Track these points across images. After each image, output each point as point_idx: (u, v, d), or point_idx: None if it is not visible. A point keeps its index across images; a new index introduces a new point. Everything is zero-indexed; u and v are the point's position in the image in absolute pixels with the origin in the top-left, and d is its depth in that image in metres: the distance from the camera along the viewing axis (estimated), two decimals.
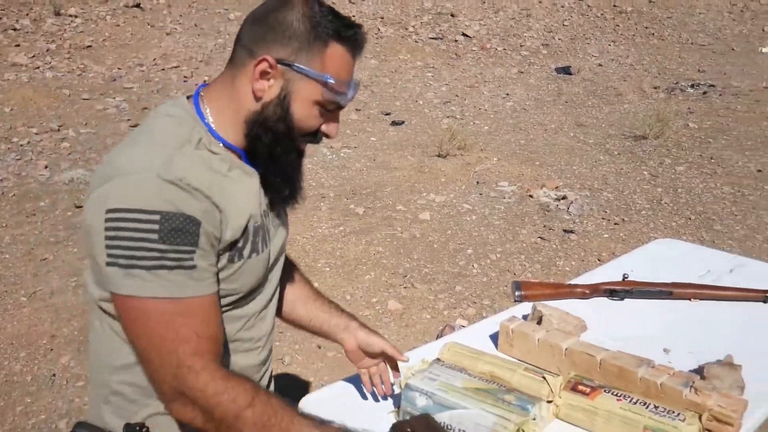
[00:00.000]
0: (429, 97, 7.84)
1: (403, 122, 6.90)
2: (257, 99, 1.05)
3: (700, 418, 1.27)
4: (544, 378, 1.35)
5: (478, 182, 5.18)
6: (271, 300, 1.22)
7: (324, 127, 1.11)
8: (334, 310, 1.42)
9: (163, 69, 8.24)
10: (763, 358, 1.59)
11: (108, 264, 0.94)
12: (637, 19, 11.46)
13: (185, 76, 7.99)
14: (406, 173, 5.36)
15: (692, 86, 8.23)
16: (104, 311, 1.05)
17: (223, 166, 1.05)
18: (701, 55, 9.90)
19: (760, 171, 5.38)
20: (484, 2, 11.61)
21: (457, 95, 7.98)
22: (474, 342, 1.63)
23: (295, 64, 1.04)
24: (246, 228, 1.07)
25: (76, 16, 9.09)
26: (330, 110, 1.10)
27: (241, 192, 1.07)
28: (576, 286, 1.91)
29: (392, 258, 3.95)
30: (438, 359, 1.49)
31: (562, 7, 11.75)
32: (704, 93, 7.91)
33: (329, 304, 1.43)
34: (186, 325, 0.96)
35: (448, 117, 7.10)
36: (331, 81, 1.05)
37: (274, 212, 1.19)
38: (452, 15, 10.95)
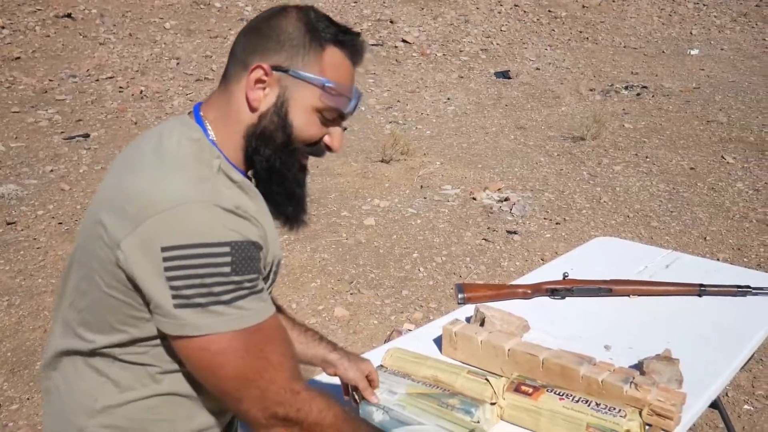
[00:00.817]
0: (371, 103, 7.85)
1: (345, 128, 6.86)
2: (253, 110, 0.99)
3: (640, 413, 1.29)
4: (487, 380, 1.35)
5: (422, 186, 5.20)
6: None
7: (326, 138, 1.04)
8: (310, 342, 1.35)
9: (97, 80, 8.01)
10: (699, 350, 1.62)
11: (178, 306, 0.86)
12: (572, 23, 11.73)
13: (121, 87, 7.79)
14: (350, 179, 5.34)
15: (626, 88, 8.46)
16: (97, 354, 0.97)
17: (246, 193, 0.98)
18: (634, 58, 10.20)
19: (693, 168, 5.55)
20: (423, 9, 11.71)
21: (398, 101, 8.01)
22: (418, 346, 1.62)
23: (292, 69, 0.98)
24: (273, 259, 1.03)
25: (3, 27, 8.76)
26: (331, 119, 1.03)
27: (268, 218, 1.02)
28: (518, 286, 1.92)
29: (338, 264, 3.91)
30: (381, 365, 1.47)
31: (499, 13, 11.94)
32: (638, 94, 8.14)
33: (306, 334, 1.36)
34: (274, 351, 0.92)
35: (390, 122, 7.12)
36: (330, 84, 0.99)
37: None
38: (391, 21, 11.00)
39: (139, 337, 0.95)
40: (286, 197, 1.04)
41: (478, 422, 1.25)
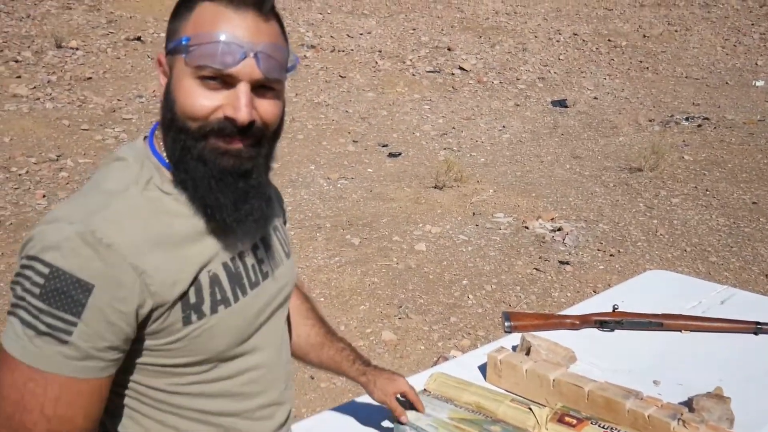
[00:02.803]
0: (426, 129, 7.91)
1: (400, 154, 6.94)
2: (161, 103, 0.91)
3: None
4: (530, 409, 1.35)
5: (474, 213, 5.20)
6: (273, 353, 1.06)
7: (228, 110, 0.86)
8: (344, 361, 1.32)
9: None
10: (752, 390, 1.58)
11: (9, 311, 0.85)
12: (632, 53, 11.60)
13: None
14: (402, 204, 5.38)
15: (687, 119, 8.30)
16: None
17: (176, 206, 0.90)
18: (695, 89, 10.01)
19: (755, 203, 5.39)
20: (481, 36, 11.77)
21: (453, 127, 8.04)
22: (463, 373, 1.63)
23: (170, 46, 0.89)
24: (195, 281, 0.90)
25: (77, 49, 9.20)
26: (222, 84, 0.86)
27: (193, 235, 0.90)
28: (566, 316, 1.91)
29: (387, 288, 3.94)
30: (425, 390, 1.49)
31: (558, 41, 11.91)
32: (699, 126, 7.98)
33: (341, 353, 1.32)
34: (35, 397, 0.81)
35: (444, 149, 7.15)
36: (187, 41, 0.86)
37: (266, 245, 1.04)
38: (449, 49, 11.09)
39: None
40: (207, 188, 0.89)
41: None
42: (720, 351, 1.78)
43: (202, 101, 0.86)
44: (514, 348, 1.75)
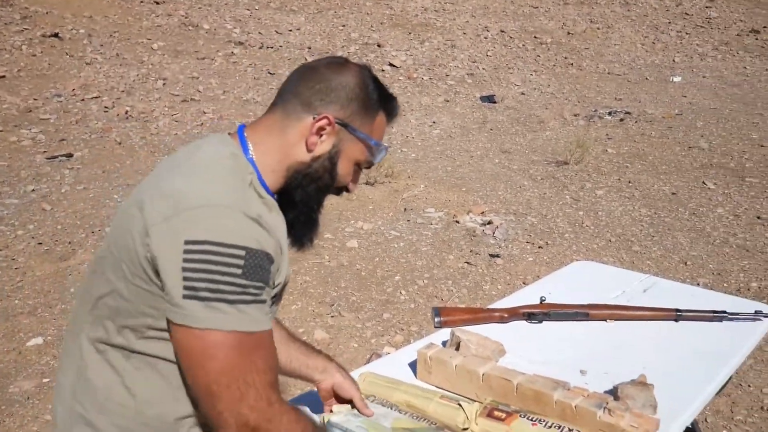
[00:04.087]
0: None
1: None
2: (309, 151, 1.11)
3: None
4: (459, 405, 1.34)
5: (405, 209, 5.21)
6: None
7: (351, 185, 1.19)
8: (311, 352, 1.43)
9: (82, 99, 7.98)
10: (674, 376, 1.62)
11: (186, 297, 0.93)
12: (557, 50, 11.88)
13: (106, 107, 7.77)
14: (333, 201, 5.32)
15: (610, 114, 8.55)
16: (115, 345, 1.04)
17: (270, 210, 1.08)
18: (617, 84, 10.32)
19: (674, 194, 5.60)
20: (410, 33, 11.82)
21: None
22: (393, 371, 1.61)
23: (351, 126, 1.12)
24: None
25: None
26: (361, 169, 1.19)
27: (284, 238, 1.11)
28: (495, 310, 1.92)
29: (319, 287, 3.89)
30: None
31: (485, 38, 12.08)
32: (621, 120, 8.23)
33: (305, 346, 1.44)
34: (261, 358, 0.97)
35: None
36: (375, 145, 1.16)
37: None
38: (379, 45, 11.08)
39: (154, 326, 1.01)
40: (307, 225, 1.17)
41: None
42: (643, 339, 1.83)
43: (349, 179, 1.17)
44: (444, 343, 1.74)
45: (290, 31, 11.30)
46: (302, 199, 1.14)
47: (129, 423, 1.04)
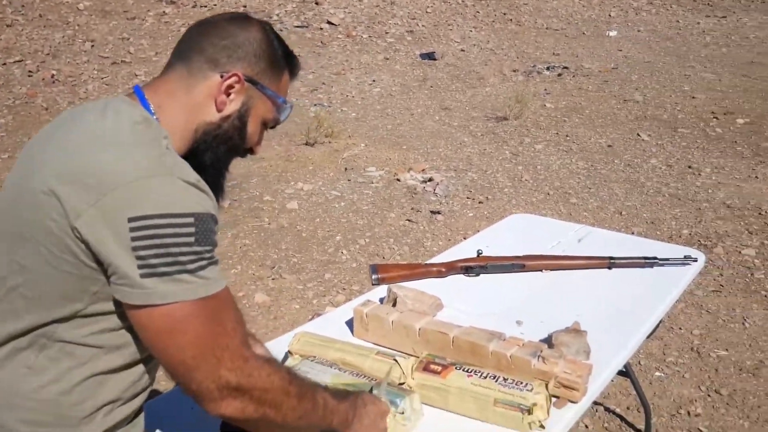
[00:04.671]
0: (295, 86, 7.72)
1: None
2: (218, 111, 1.07)
3: (547, 386, 1.29)
4: (395, 360, 1.33)
5: (346, 169, 5.16)
6: None
7: (257, 146, 1.17)
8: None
9: (4, 63, 7.59)
10: (608, 322, 1.65)
11: (145, 276, 0.89)
12: (496, 5, 11.85)
13: (30, 71, 7.41)
14: (273, 163, 5.24)
15: (548, 69, 8.61)
16: (27, 338, 0.97)
17: None
18: (555, 39, 10.40)
19: (610, 146, 5.70)
20: None
21: (323, 83, 7.91)
22: (330, 330, 1.59)
23: (260, 84, 1.09)
24: None
25: None
26: (266, 129, 1.17)
27: None
28: (432, 265, 1.91)
29: (259, 250, 3.84)
30: (289, 352, 1.43)
31: None
32: (559, 75, 8.31)
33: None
34: (229, 319, 0.95)
35: (315, 105, 7.03)
36: (283, 102, 1.14)
37: None
38: (317, 3, 10.85)
39: (82, 312, 0.96)
40: (216, 189, 1.09)
41: (403, 413, 1.22)
42: (578, 287, 1.85)
43: (257, 138, 1.15)
44: (381, 300, 1.73)
45: None
46: (212, 162, 1.09)
47: (40, 416, 0.98)
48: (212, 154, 1.09)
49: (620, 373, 2.10)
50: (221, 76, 1.06)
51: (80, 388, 0.99)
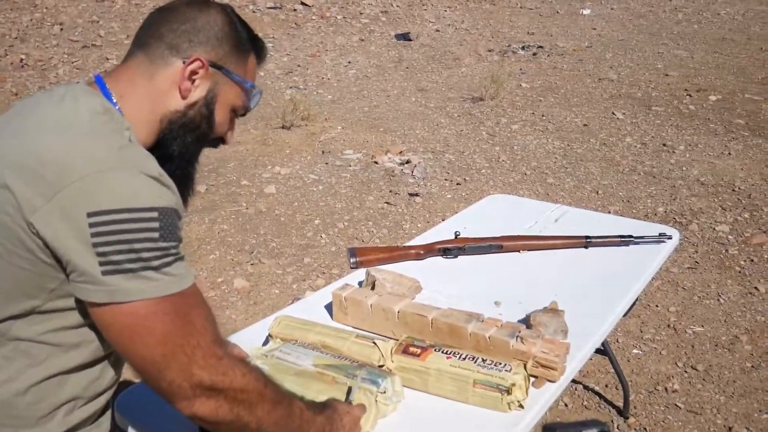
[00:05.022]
0: (270, 68, 7.65)
1: None
2: (182, 98, 1.04)
3: (525, 366, 1.30)
4: (374, 343, 1.33)
5: (323, 152, 5.13)
6: None
7: (228, 134, 1.13)
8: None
9: None
10: (585, 301, 1.67)
11: (107, 273, 0.85)
12: None
13: None
14: (249, 147, 5.20)
15: (523, 48, 8.62)
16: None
17: None
18: (530, 19, 10.40)
19: (585, 125, 5.73)
20: None
21: (299, 65, 7.85)
22: (310, 314, 1.58)
23: (225, 68, 1.06)
24: None
25: None
26: (237, 116, 1.13)
27: None
28: (410, 247, 1.91)
29: (237, 235, 3.82)
30: (270, 336, 1.43)
31: None
32: (534, 54, 8.32)
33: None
34: (199, 316, 0.92)
35: (290, 87, 6.98)
36: (250, 87, 1.10)
37: None
38: None
39: (39, 308, 0.92)
40: (185, 180, 1.09)
41: (384, 392, 1.22)
42: (555, 267, 1.87)
43: (226, 126, 1.11)
44: (360, 284, 1.73)
45: None
46: (180, 152, 1.06)
47: None
48: (180, 144, 1.05)
49: (598, 351, 2.12)
50: (183, 62, 1.02)
51: (36, 388, 0.95)
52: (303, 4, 10.09)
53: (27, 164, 0.88)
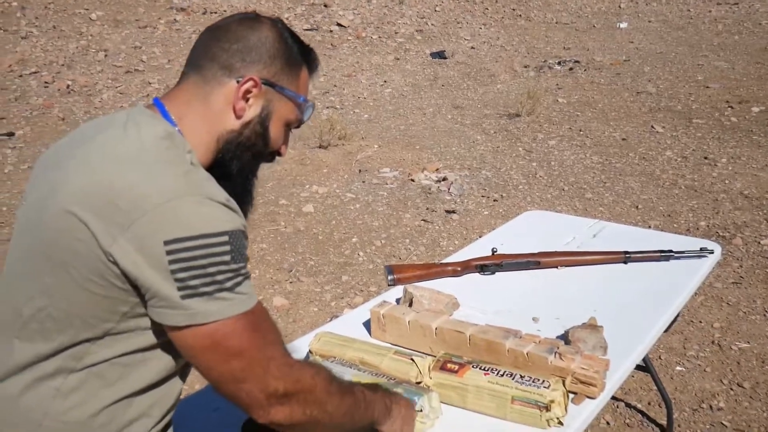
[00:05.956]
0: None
1: None
2: (237, 118, 1.05)
3: (564, 382, 1.30)
4: (412, 360, 1.34)
5: (360, 170, 5.18)
6: None
7: (282, 148, 1.14)
8: None
9: (20, 75, 7.70)
10: (623, 316, 1.65)
11: (186, 297, 0.90)
12: (505, 1, 11.83)
13: (46, 82, 7.51)
14: (287, 167, 5.27)
15: (559, 63, 8.58)
16: (52, 362, 0.96)
17: None
18: (566, 34, 10.35)
19: (624, 139, 5.67)
20: None
21: (335, 85, 7.94)
22: (348, 331, 1.60)
23: (278, 85, 1.07)
24: None
25: None
26: (290, 130, 1.15)
27: None
28: (447, 264, 1.92)
29: (276, 254, 3.86)
30: (310, 352, 1.45)
31: None
32: (570, 69, 8.27)
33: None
34: (268, 329, 0.97)
35: (327, 107, 7.06)
36: (303, 101, 1.11)
37: None
38: (325, 5, 10.89)
39: (112, 330, 0.96)
40: (245, 197, 1.11)
41: (421, 410, 1.23)
42: (594, 282, 1.85)
43: (281, 141, 1.13)
44: (398, 301, 1.74)
45: None
46: (239, 170, 1.08)
47: None
48: (237, 163, 1.07)
49: (640, 368, 2.10)
50: (237, 82, 1.04)
51: (108, 410, 0.98)
52: (339, 24, 10.23)
53: (98, 194, 0.91)
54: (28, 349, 0.97)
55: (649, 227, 3.93)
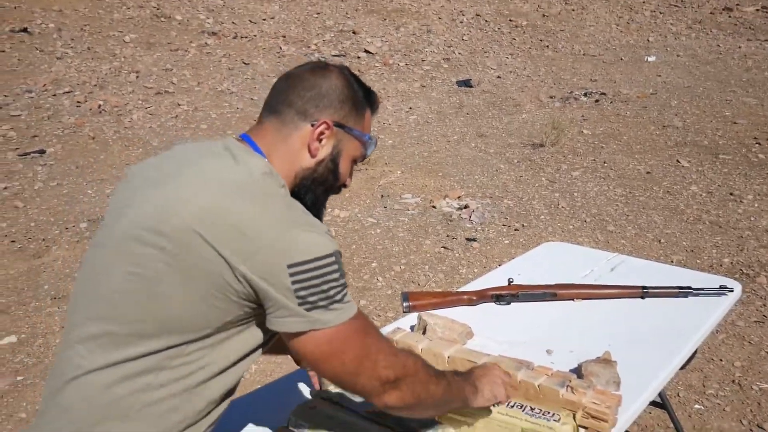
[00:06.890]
0: None
1: None
2: (312, 156, 1.18)
3: (574, 416, 1.29)
4: None
5: (382, 196, 5.21)
6: None
7: (348, 180, 1.26)
8: None
9: (54, 95, 7.88)
10: (639, 352, 1.64)
11: (310, 309, 1.04)
12: (532, 32, 11.89)
13: (78, 101, 7.68)
14: None
15: (585, 95, 8.58)
16: (142, 363, 1.06)
17: None
18: (593, 66, 10.36)
19: (648, 173, 5.64)
20: (385, 19, 11.76)
21: None
22: None
23: (347, 127, 1.20)
24: None
25: None
26: (355, 164, 1.27)
27: None
28: (463, 293, 1.93)
29: None
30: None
31: (461, 22, 12.06)
32: (596, 101, 8.27)
33: None
34: (372, 328, 1.12)
35: None
36: (368, 139, 1.24)
37: None
38: (354, 32, 11.03)
39: (211, 334, 1.08)
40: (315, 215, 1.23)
41: None
42: (609, 316, 1.84)
43: (348, 176, 1.25)
44: (412, 328, 1.75)
45: (264, 20, 11.21)
46: (313, 202, 1.21)
47: (147, 429, 1.07)
48: (312, 196, 1.21)
49: (657, 404, 2.07)
50: (312, 125, 1.17)
51: (186, 407, 1.09)
52: (366, 51, 10.34)
53: (218, 216, 1.02)
54: (123, 351, 1.06)
55: (672, 262, 3.90)
